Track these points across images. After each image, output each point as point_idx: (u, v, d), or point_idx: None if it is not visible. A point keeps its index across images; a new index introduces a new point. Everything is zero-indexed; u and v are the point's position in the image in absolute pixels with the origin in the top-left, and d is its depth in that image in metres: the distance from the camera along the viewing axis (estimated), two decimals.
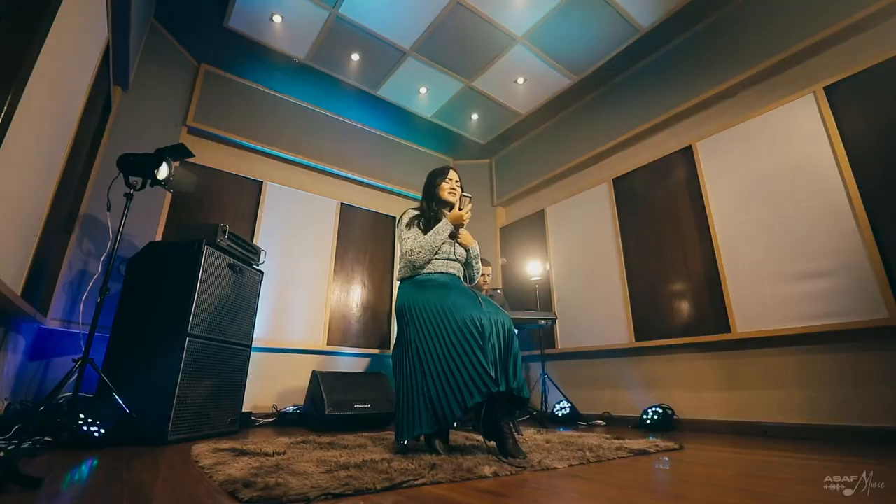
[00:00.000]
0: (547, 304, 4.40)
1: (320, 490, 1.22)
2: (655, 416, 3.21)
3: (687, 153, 3.56)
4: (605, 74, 4.05)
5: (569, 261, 4.38)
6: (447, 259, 2.12)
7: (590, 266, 4.14)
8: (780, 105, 3.06)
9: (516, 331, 3.92)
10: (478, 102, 4.44)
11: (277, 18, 3.49)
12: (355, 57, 3.85)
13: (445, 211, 2.14)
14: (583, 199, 4.35)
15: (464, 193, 2.13)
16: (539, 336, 4.06)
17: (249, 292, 3.14)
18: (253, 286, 3.19)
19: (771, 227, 2.99)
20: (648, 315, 3.61)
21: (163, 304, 2.56)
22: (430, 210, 2.14)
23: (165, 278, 2.62)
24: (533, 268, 4.20)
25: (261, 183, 4.16)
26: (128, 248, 3.16)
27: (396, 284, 2.39)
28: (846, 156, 2.72)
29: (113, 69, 2.98)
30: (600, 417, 3.74)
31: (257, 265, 3.29)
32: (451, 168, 2.23)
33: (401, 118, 4.71)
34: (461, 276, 2.19)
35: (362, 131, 4.89)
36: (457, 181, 2.19)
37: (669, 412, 3.24)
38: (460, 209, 2.09)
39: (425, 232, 2.08)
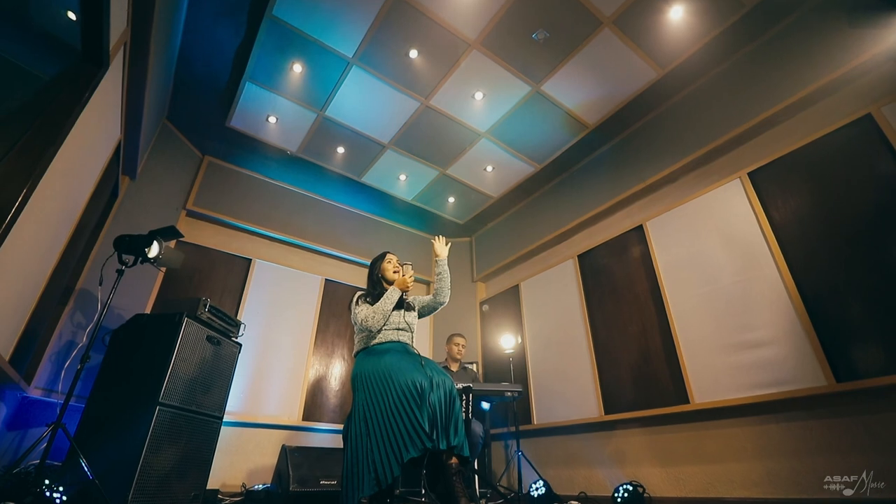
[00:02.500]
0: (522, 378, 4.47)
1: None
2: (626, 495, 3.16)
3: (639, 231, 3.87)
4: (563, 162, 4.52)
5: (542, 334, 4.52)
6: (397, 329, 2.32)
7: (561, 339, 4.28)
8: (713, 188, 3.42)
9: (487, 405, 4.00)
10: (453, 187, 4.88)
11: (272, 119, 4.02)
12: (341, 150, 4.35)
13: (389, 287, 2.39)
14: (552, 274, 4.60)
15: (405, 262, 2.41)
16: (514, 411, 4.08)
17: (226, 364, 3.29)
18: (230, 358, 3.34)
19: (716, 300, 3.19)
20: (615, 387, 3.69)
21: (139, 373, 2.70)
22: (376, 290, 2.39)
23: (145, 348, 2.79)
24: (506, 341, 4.33)
25: (249, 260, 4.47)
26: (117, 321, 3.36)
27: None
28: (772, 233, 3.00)
29: (123, 162, 3.41)
30: (576, 498, 3.66)
31: (236, 337, 3.47)
32: (388, 252, 2.53)
33: (384, 200, 5.15)
34: (411, 343, 2.38)
35: (348, 212, 5.31)
36: (397, 261, 2.47)
37: (640, 490, 3.20)
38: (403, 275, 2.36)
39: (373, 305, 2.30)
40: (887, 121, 2.63)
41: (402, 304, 2.35)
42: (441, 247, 2.52)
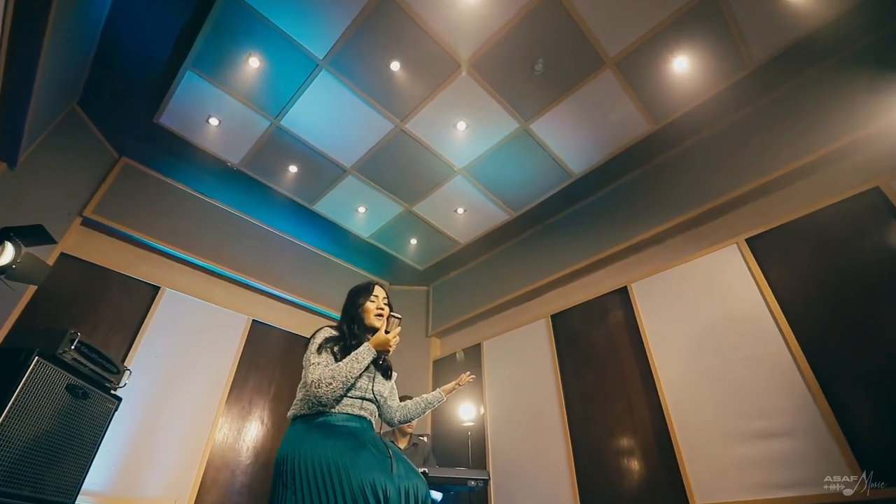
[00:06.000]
0: (480, 459, 3.76)
1: None
2: None
3: (623, 294, 3.49)
4: (542, 212, 4.16)
5: (506, 405, 3.90)
6: (361, 398, 1.59)
7: (529, 411, 3.68)
8: (707, 253, 3.14)
9: (439, 495, 3.19)
10: (417, 227, 4.35)
11: (214, 121, 3.35)
12: (293, 168, 3.72)
13: (369, 336, 1.69)
14: (521, 334, 4.08)
15: (392, 314, 1.72)
16: (469, 501, 3.34)
17: (93, 425, 2.38)
18: (101, 417, 2.44)
19: (717, 378, 2.79)
20: (595, 477, 3.09)
21: None
22: (351, 334, 1.69)
23: None
24: (466, 411, 3.65)
25: (158, 288, 3.57)
26: None
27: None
28: (778, 306, 2.70)
29: None
30: None
31: (115, 389, 2.57)
32: (377, 284, 1.84)
33: (335, 235, 4.48)
34: (374, 421, 1.68)
35: (290, 244, 4.57)
36: (384, 299, 1.79)
37: None
38: (387, 331, 1.64)
39: (340, 359, 1.59)
40: None
41: (377, 365, 1.67)
42: (453, 385, 2.00)
